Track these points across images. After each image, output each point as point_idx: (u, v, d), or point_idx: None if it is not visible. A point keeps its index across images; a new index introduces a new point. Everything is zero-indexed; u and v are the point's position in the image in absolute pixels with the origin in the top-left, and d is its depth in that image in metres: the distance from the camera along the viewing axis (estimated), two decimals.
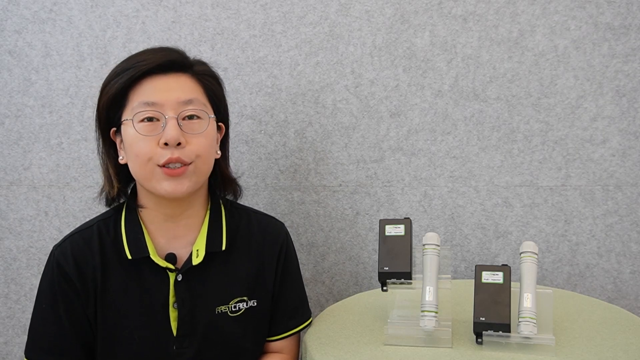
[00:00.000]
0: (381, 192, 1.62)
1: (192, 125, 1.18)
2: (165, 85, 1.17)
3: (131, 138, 1.16)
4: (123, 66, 1.19)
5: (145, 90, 1.17)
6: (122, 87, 1.17)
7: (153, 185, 1.17)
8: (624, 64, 1.54)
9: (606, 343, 1.20)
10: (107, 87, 1.19)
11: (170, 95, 1.16)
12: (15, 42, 1.61)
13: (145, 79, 1.17)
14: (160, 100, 1.16)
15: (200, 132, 1.18)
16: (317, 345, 1.21)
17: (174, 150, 1.14)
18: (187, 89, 1.19)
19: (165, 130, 1.14)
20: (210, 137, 1.21)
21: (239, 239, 1.28)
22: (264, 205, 1.63)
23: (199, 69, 1.23)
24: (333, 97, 1.59)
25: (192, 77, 1.21)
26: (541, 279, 1.61)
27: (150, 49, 1.24)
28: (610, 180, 1.58)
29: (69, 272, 1.19)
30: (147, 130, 1.15)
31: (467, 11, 1.55)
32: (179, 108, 1.16)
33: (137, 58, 1.19)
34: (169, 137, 1.14)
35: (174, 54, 1.21)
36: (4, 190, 1.66)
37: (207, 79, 1.24)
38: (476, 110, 1.58)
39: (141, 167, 1.17)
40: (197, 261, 1.21)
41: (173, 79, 1.19)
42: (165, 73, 1.18)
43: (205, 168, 1.21)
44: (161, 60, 1.18)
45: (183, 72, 1.21)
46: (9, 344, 1.70)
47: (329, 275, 1.66)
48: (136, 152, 1.16)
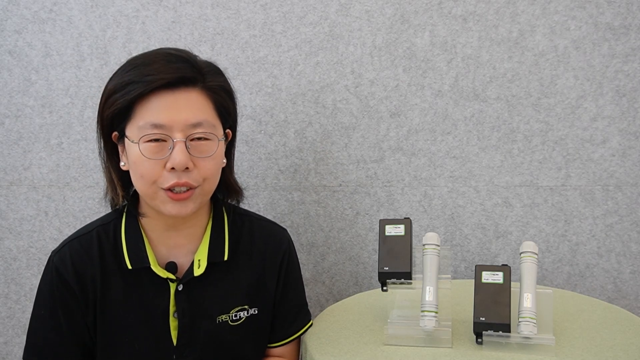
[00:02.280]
0: (381, 192, 1.62)
1: (201, 147, 1.13)
2: (174, 103, 1.11)
3: (136, 157, 1.12)
4: (131, 77, 1.12)
5: (153, 108, 1.10)
6: (129, 102, 1.11)
7: (156, 204, 1.14)
8: (624, 64, 1.54)
9: (606, 343, 1.20)
10: (112, 98, 1.13)
11: (179, 116, 1.10)
12: (15, 42, 1.61)
13: (153, 94, 1.11)
14: (169, 122, 1.10)
15: (209, 155, 1.13)
16: (317, 345, 1.21)
17: (180, 175, 1.11)
18: (197, 108, 1.12)
19: (172, 154, 1.10)
20: (219, 157, 1.17)
21: (241, 248, 1.26)
22: (264, 205, 1.63)
23: (211, 82, 1.16)
24: (333, 97, 1.59)
25: (202, 93, 1.14)
26: (541, 279, 1.61)
27: (161, 57, 1.14)
28: (610, 180, 1.58)
29: (68, 279, 1.18)
30: (153, 152, 1.10)
31: (467, 11, 1.55)
32: (187, 130, 1.11)
33: (147, 70, 1.11)
34: (177, 163, 1.09)
35: (186, 68, 1.13)
36: (4, 190, 1.66)
37: (219, 94, 1.17)
38: (476, 110, 1.58)
39: (145, 187, 1.13)
40: (198, 272, 1.19)
41: (182, 97, 1.12)
42: (174, 89, 1.11)
43: (212, 188, 1.18)
44: (170, 77, 1.11)
45: (193, 86, 1.13)
46: (9, 344, 1.70)
47: (329, 275, 1.66)
48: (141, 173, 1.12)
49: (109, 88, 1.15)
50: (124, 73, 1.14)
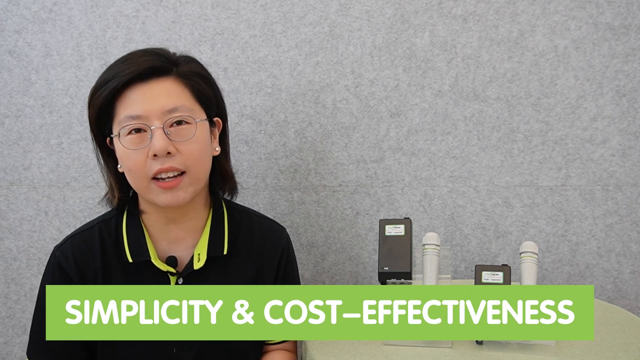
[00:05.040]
0: (381, 192, 1.62)
1: (180, 131, 1.15)
2: (149, 93, 1.14)
3: (121, 152, 1.15)
4: (105, 76, 1.16)
5: (129, 101, 1.14)
6: (107, 100, 1.14)
7: (151, 197, 1.17)
8: (624, 64, 1.54)
9: (606, 343, 1.20)
10: (92, 99, 1.17)
11: (154, 104, 1.13)
12: (15, 42, 1.61)
13: (129, 88, 1.14)
14: (145, 112, 1.13)
15: (189, 137, 1.15)
16: (317, 345, 1.21)
17: (164, 160, 1.13)
18: (172, 94, 1.15)
19: (152, 141, 1.12)
20: (202, 140, 1.18)
21: (240, 243, 1.28)
22: (264, 205, 1.63)
23: (184, 69, 1.18)
24: (333, 97, 1.59)
25: (177, 80, 1.17)
26: (541, 279, 1.61)
27: (133, 54, 1.18)
28: (610, 180, 1.58)
29: (70, 273, 1.20)
30: (134, 143, 1.13)
31: (467, 11, 1.55)
32: (164, 117, 1.13)
33: (119, 67, 1.15)
34: (157, 149, 1.12)
35: (156, 59, 1.16)
36: (4, 190, 1.66)
37: (193, 80, 1.19)
38: (476, 110, 1.58)
39: (136, 180, 1.16)
40: (198, 265, 1.21)
41: (156, 86, 1.14)
42: (148, 80, 1.14)
43: (202, 173, 1.20)
44: (142, 68, 1.14)
45: (167, 75, 1.16)
46: (9, 344, 1.70)
47: (329, 275, 1.66)
48: (128, 166, 1.15)
49: (91, 89, 1.19)
50: (103, 74, 1.18)
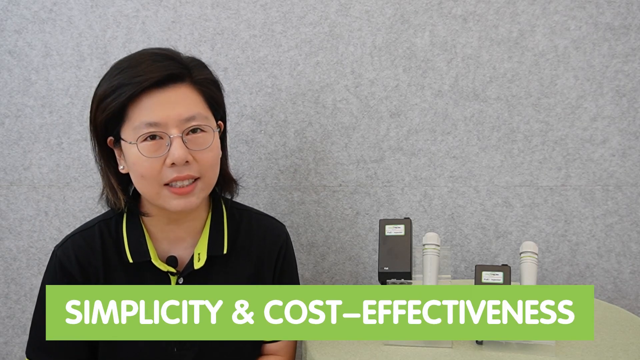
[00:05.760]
0: (381, 192, 1.62)
1: (198, 140, 1.14)
2: (166, 101, 1.13)
3: (135, 158, 1.13)
4: (120, 80, 1.13)
5: (146, 108, 1.12)
6: (121, 105, 1.13)
7: (160, 202, 1.16)
8: (624, 64, 1.54)
9: (606, 343, 1.20)
10: (104, 103, 1.14)
11: (172, 112, 1.12)
12: (15, 42, 1.61)
13: (144, 94, 1.12)
14: (163, 119, 1.12)
15: (207, 147, 1.15)
16: (317, 345, 1.21)
17: (181, 169, 1.13)
18: (189, 102, 1.15)
19: (170, 150, 1.11)
20: (216, 147, 1.18)
21: (239, 241, 1.28)
22: (264, 205, 1.63)
23: (198, 76, 1.18)
24: (333, 97, 1.59)
25: (191, 87, 1.16)
26: (541, 279, 1.61)
27: (142, 56, 1.16)
28: (610, 180, 1.58)
29: (72, 272, 1.20)
30: (151, 150, 1.12)
31: (467, 11, 1.55)
32: (182, 125, 1.13)
33: (135, 72, 1.13)
34: (176, 158, 1.11)
35: (173, 66, 1.15)
36: (4, 190, 1.66)
37: (207, 87, 1.19)
38: (476, 110, 1.58)
39: (148, 186, 1.15)
40: (198, 265, 1.21)
41: (173, 93, 1.14)
42: (164, 86, 1.13)
43: (214, 179, 1.20)
44: (160, 76, 1.12)
45: (181, 82, 1.15)
46: (9, 344, 1.70)
47: (329, 275, 1.66)
48: (141, 173, 1.14)
49: (98, 94, 1.16)
50: (112, 77, 1.15)
